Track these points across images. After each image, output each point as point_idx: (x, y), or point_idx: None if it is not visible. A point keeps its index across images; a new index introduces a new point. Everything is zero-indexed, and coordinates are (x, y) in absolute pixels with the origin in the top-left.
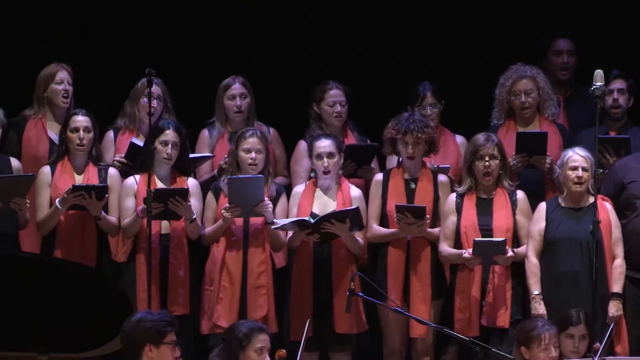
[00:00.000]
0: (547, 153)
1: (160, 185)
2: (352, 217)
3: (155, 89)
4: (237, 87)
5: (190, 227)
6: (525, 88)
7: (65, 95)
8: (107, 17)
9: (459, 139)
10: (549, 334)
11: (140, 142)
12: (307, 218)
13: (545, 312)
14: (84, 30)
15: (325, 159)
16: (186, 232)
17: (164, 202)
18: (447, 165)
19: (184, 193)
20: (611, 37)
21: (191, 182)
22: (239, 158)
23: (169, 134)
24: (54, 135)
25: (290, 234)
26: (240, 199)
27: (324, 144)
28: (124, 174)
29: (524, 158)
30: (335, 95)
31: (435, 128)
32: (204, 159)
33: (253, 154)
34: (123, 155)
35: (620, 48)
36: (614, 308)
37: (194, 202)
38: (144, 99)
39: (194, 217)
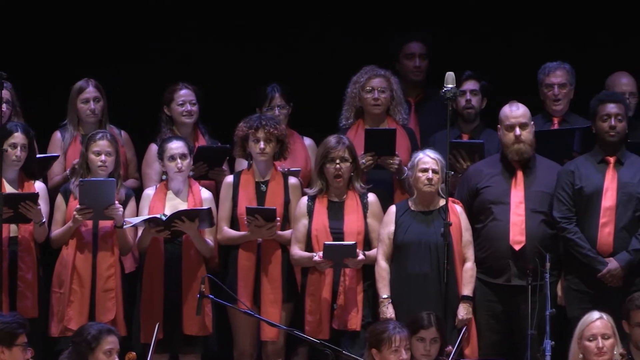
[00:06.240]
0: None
1: (8, 188)
2: (202, 217)
3: (5, 93)
4: (90, 91)
5: (39, 231)
6: (379, 85)
7: None
8: None
9: (307, 141)
10: (399, 336)
11: None
12: (159, 215)
13: (393, 315)
14: None
15: (178, 160)
16: (33, 235)
17: (14, 208)
18: (298, 168)
19: (34, 197)
20: (464, 39)
21: (39, 186)
22: (89, 160)
23: (17, 137)
24: None
25: (140, 235)
26: (91, 201)
27: (176, 145)
28: None
29: (373, 157)
30: (184, 94)
31: (285, 129)
32: (52, 160)
33: (103, 157)
34: None
35: (473, 49)
36: (464, 311)
37: (42, 205)
38: None
39: (43, 220)
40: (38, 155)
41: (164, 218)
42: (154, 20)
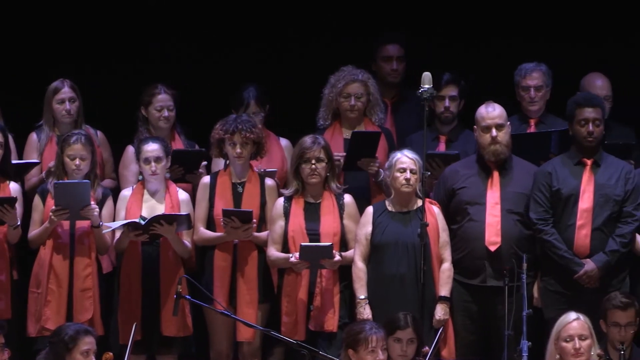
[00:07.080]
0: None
1: None
2: (181, 220)
3: None
4: (66, 91)
5: (13, 233)
6: (356, 92)
7: None
8: None
9: (284, 142)
10: (376, 337)
11: None
12: (137, 220)
13: (370, 316)
14: None
15: (152, 163)
16: (7, 237)
17: None
18: (274, 169)
19: (13, 202)
20: (440, 38)
21: (14, 187)
22: (64, 163)
23: None
24: None
25: (117, 238)
26: (66, 202)
27: (152, 148)
28: None
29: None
30: (163, 100)
31: (261, 130)
32: (30, 166)
33: (77, 161)
34: None
35: (449, 49)
36: (441, 311)
37: (17, 207)
38: None
39: (18, 223)
40: (16, 162)
41: (142, 222)
42: (131, 21)
